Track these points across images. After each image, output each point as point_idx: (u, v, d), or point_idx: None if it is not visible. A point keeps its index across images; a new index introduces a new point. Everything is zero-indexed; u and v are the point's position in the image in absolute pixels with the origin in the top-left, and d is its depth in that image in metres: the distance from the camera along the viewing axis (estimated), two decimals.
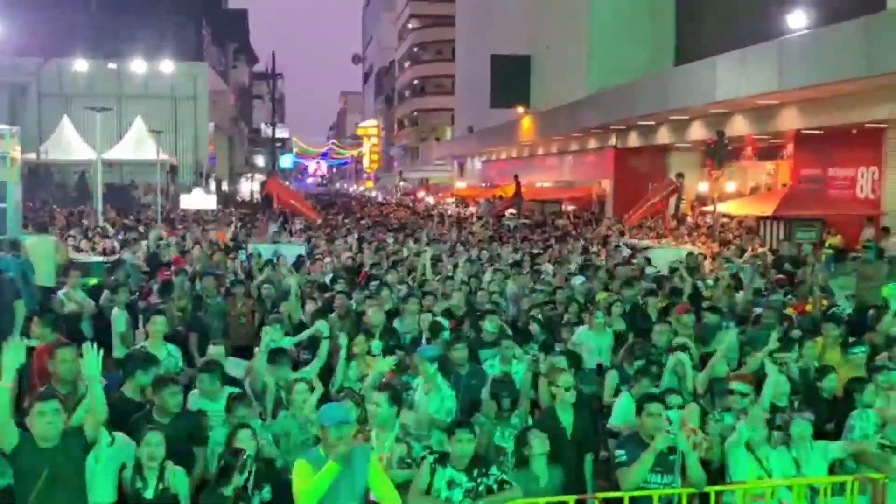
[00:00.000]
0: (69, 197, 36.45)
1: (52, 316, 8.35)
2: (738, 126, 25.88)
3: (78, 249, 16.10)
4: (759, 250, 18.55)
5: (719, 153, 22.83)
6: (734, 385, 6.90)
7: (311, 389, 6.95)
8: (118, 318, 9.83)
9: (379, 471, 5.50)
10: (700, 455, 6.22)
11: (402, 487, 5.62)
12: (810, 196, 23.42)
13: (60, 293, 11.02)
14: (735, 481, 6.07)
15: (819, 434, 6.55)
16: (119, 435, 5.82)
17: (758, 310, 10.70)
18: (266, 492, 5.77)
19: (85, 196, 35.14)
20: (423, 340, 9.05)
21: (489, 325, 9.09)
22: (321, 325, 8.33)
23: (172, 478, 5.63)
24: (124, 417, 6.14)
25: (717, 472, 6.33)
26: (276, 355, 7.55)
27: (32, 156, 33.90)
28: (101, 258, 14.97)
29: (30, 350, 6.53)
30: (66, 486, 5.25)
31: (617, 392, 7.71)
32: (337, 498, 5.27)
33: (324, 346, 8.04)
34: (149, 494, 5.55)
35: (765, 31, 25.13)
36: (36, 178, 35.56)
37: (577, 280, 12.35)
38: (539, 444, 6.13)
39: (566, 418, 6.72)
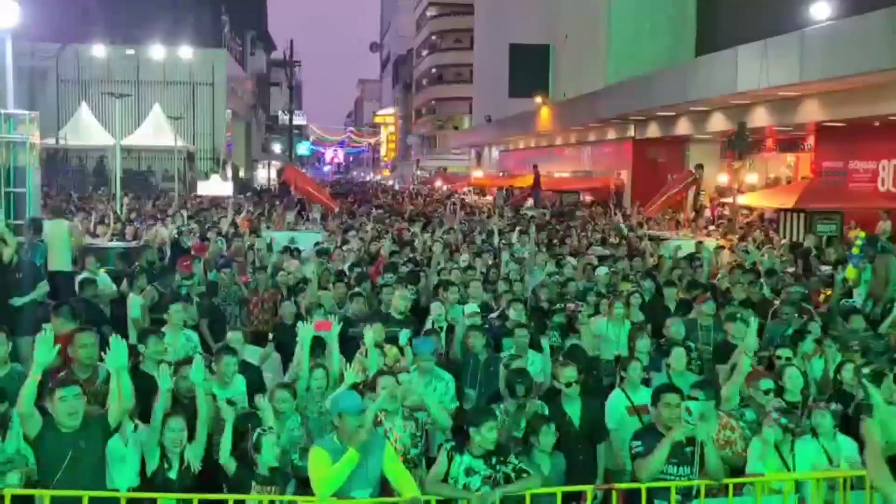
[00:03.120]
0: (87, 182, 36.64)
1: (68, 308, 8.36)
2: (759, 117, 25.70)
3: (93, 235, 16.14)
4: (780, 242, 18.42)
5: (740, 145, 22.66)
6: (762, 383, 6.78)
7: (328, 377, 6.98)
8: (134, 303, 9.85)
9: (394, 458, 5.54)
10: (730, 452, 6.20)
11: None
12: (831, 189, 23.22)
13: (83, 276, 11.00)
14: (753, 473, 6.01)
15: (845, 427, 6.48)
16: (141, 424, 5.92)
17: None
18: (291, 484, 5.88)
19: (103, 181, 35.33)
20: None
21: (514, 314, 9.05)
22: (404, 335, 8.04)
23: (191, 457, 5.75)
24: (143, 394, 6.16)
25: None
26: (317, 345, 7.46)
27: (51, 141, 34.09)
28: (121, 244, 15.01)
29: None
30: (88, 470, 5.36)
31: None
32: (352, 485, 5.31)
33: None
34: (173, 475, 5.69)
35: (787, 21, 24.91)
36: (54, 163, 35.75)
37: (602, 271, 12.28)
38: (546, 440, 6.13)
39: (573, 410, 6.71)
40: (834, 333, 8.30)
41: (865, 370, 6.96)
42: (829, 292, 12.16)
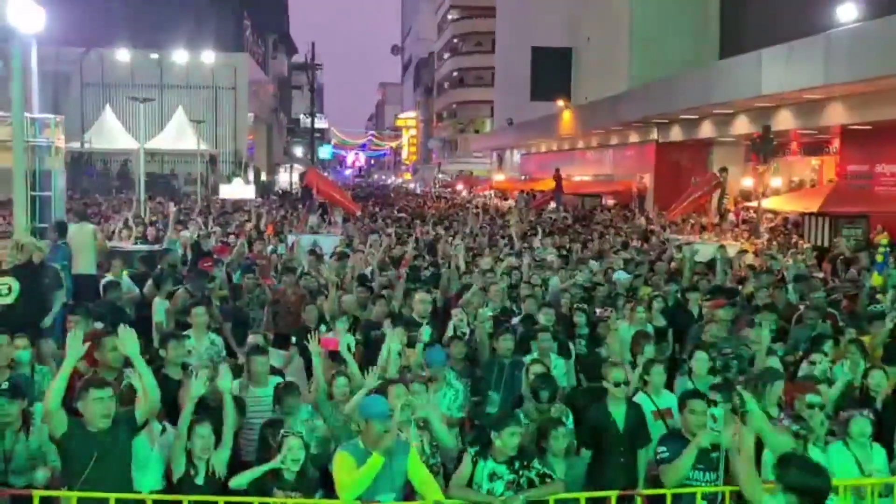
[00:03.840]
0: (111, 185, 36.99)
1: (84, 308, 8.43)
2: (784, 120, 25.50)
3: (118, 237, 16.24)
4: (804, 246, 18.26)
5: (764, 148, 22.47)
6: (809, 398, 6.50)
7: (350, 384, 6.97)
8: (158, 307, 9.89)
9: (419, 463, 5.54)
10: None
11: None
12: (856, 192, 22.98)
13: (108, 279, 11.08)
14: (768, 481, 5.93)
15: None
16: (169, 426, 5.95)
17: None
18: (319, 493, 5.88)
19: (126, 185, 35.63)
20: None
21: (544, 318, 9.00)
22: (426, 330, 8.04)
23: (217, 463, 5.75)
24: (167, 397, 6.21)
25: None
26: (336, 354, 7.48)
27: (75, 144, 34.43)
28: (144, 247, 15.10)
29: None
30: (114, 469, 5.40)
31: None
32: (378, 489, 5.32)
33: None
34: (199, 480, 5.69)
35: (812, 24, 24.73)
36: (78, 166, 36.10)
37: (622, 276, 12.20)
38: (557, 442, 6.07)
39: (618, 412, 6.61)
40: (709, 340, 8.21)
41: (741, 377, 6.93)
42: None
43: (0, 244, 9.32)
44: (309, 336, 7.20)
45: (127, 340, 5.62)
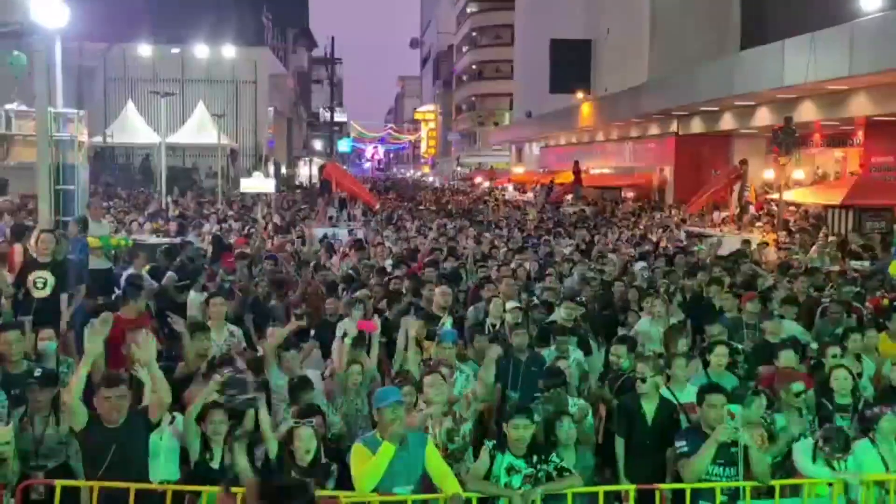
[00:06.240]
0: (133, 179, 37.27)
1: (138, 293, 8.59)
2: (806, 112, 25.25)
3: (131, 232, 16.35)
4: (830, 240, 18.09)
5: (786, 140, 22.28)
6: (794, 386, 6.60)
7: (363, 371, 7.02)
8: (195, 301, 9.93)
9: (436, 455, 5.55)
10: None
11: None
12: (881, 185, 22.74)
13: (130, 272, 11.16)
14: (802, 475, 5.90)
15: None
16: (179, 416, 5.98)
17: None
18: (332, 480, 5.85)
19: (148, 179, 35.90)
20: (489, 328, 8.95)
21: (564, 313, 8.99)
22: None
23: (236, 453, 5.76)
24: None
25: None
26: (359, 340, 7.51)
27: (98, 139, 34.69)
28: (165, 240, 15.20)
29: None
30: (131, 464, 5.45)
31: None
32: (394, 481, 5.34)
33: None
34: (215, 465, 5.73)
35: (835, 14, 24.42)
36: (101, 160, 36.39)
37: (638, 266, 12.14)
38: (562, 433, 6.06)
39: (649, 406, 6.57)
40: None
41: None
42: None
43: (42, 238, 9.44)
44: (328, 328, 7.25)
45: (143, 346, 5.63)
